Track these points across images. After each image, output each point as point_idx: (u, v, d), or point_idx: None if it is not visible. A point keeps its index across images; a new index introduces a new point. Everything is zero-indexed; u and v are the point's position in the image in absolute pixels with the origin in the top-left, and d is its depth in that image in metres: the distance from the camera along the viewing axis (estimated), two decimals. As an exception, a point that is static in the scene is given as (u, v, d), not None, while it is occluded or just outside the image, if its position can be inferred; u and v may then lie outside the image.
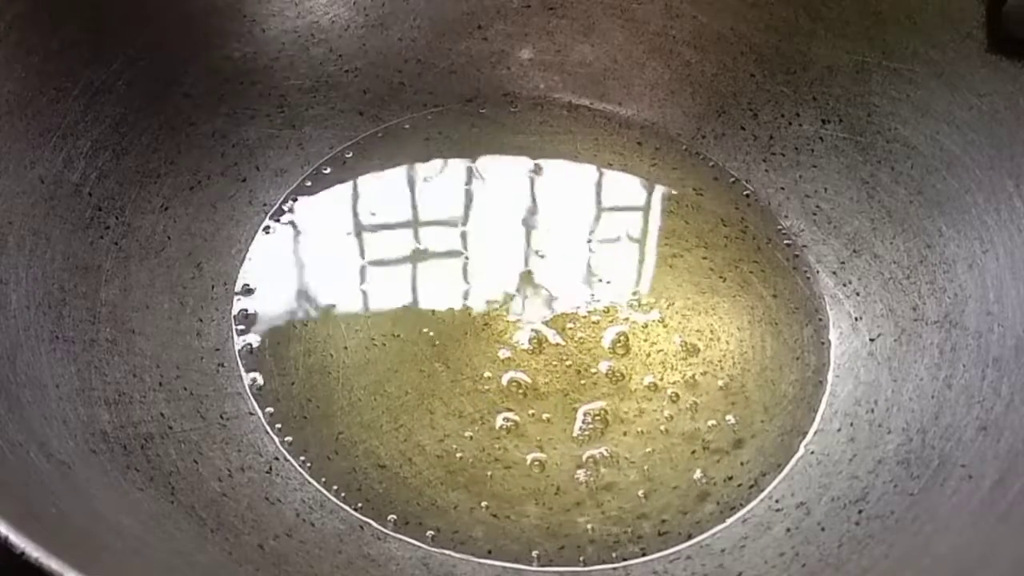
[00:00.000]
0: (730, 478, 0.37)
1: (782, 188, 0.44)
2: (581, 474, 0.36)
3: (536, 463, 0.37)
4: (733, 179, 0.45)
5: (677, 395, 0.38)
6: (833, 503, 0.35)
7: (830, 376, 0.39)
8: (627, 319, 0.40)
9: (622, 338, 0.40)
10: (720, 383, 0.39)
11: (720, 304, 0.41)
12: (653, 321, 0.40)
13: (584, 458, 0.37)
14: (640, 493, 0.36)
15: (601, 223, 0.44)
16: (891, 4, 0.42)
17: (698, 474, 0.37)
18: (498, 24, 0.48)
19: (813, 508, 0.35)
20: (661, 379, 0.39)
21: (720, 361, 0.40)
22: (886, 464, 0.36)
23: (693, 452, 0.37)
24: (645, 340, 0.40)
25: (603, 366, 0.39)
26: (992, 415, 0.34)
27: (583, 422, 0.38)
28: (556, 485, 0.36)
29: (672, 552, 0.35)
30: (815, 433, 0.38)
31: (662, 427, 0.38)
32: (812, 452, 0.37)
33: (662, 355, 0.39)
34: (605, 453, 0.37)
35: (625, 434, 0.37)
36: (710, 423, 0.38)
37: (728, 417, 0.38)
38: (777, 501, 0.36)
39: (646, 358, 0.39)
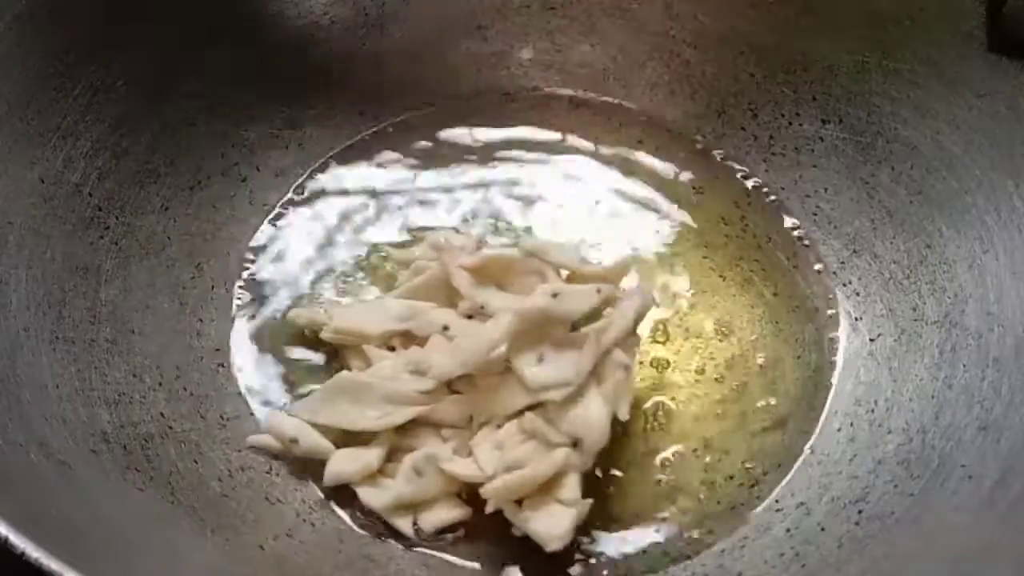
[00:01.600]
0: (731, 477, 0.37)
1: (782, 188, 0.44)
2: (662, 478, 0.36)
3: (613, 480, 0.36)
4: (733, 178, 0.45)
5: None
6: (833, 503, 0.35)
7: (830, 376, 0.39)
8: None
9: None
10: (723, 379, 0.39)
11: (720, 303, 0.41)
12: (652, 320, 0.40)
13: (657, 462, 0.37)
14: (702, 495, 0.36)
15: (600, 223, 0.44)
16: (891, 4, 0.42)
17: (749, 463, 0.37)
18: (498, 24, 0.48)
19: (813, 508, 0.35)
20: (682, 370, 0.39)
21: (720, 359, 0.40)
22: (886, 464, 0.36)
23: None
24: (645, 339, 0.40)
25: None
26: (992, 415, 0.34)
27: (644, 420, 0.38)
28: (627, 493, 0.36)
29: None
30: (815, 433, 0.38)
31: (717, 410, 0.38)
32: (812, 452, 0.37)
33: (665, 353, 0.39)
34: (671, 457, 0.37)
35: (684, 423, 0.37)
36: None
37: (771, 400, 0.38)
38: (777, 501, 0.36)
39: (651, 356, 0.39)
